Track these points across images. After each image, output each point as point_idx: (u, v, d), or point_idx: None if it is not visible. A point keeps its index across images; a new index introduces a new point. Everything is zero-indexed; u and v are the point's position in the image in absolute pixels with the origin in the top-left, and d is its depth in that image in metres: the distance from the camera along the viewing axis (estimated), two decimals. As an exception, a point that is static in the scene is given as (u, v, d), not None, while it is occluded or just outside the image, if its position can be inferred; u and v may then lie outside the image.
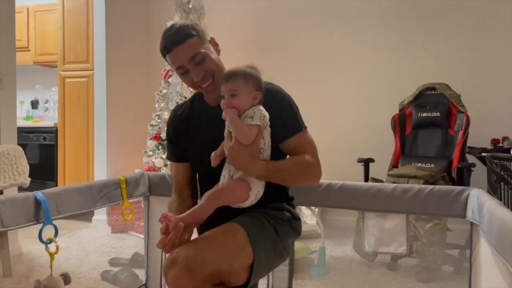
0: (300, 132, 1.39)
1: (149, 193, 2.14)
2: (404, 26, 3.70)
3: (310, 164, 1.37)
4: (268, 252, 1.32)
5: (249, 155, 1.25)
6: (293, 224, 1.46)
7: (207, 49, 1.39)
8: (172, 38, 1.36)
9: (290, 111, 1.40)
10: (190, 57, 1.35)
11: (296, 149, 1.38)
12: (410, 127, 3.20)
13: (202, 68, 1.37)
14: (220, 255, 1.19)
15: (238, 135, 1.24)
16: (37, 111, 4.94)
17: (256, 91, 1.30)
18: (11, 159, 2.45)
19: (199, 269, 1.14)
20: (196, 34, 1.37)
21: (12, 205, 1.39)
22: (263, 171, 1.28)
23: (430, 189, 1.73)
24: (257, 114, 1.27)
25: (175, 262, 1.15)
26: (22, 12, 4.57)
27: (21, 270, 2.65)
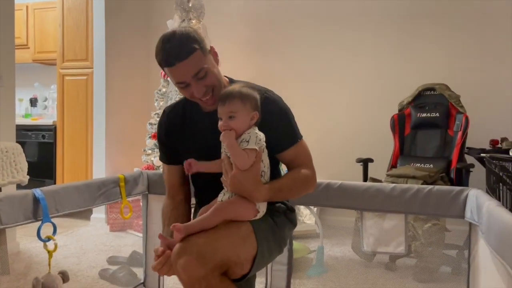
0: (297, 143, 1.41)
1: (148, 192, 2.14)
2: (404, 27, 3.70)
3: (308, 177, 1.41)
4: (269, 243, 1.35)
5: (252, 181, 1.26)
6: (289, 215, 1.49)
7: (209, 63, 1.36)
8: (175, 52, 1.30)
9: (287, 122, 1.42)
10: (194, 74, 1.31)
11: (294, 161, 1.41)
12: (409, 127, 3.20)
13: (203, 84, 1.34)
14: (229, 245, 1.22)
15: (236, 160, 1.25)
16: (36, 109, 4.92)
17: (253, 111, 1.29)
18: (10, 156, 2.44)
19: (210, 257, 1.16)
20: (199, 47, 1.32)
21: (10, 203, 1.39)
22: (267, 195, 1.30)
23: (429, 189, 1.74)
24: (253, 138, 1.27)
25: (185, 250, 1.17)
26: (22, 9, 4.55)
27: (19, 268, 2.64)
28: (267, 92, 1.43)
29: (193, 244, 1.18)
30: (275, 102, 1.41)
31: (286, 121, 1.41)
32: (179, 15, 3.71)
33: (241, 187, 1.25)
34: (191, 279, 1.17)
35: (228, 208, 1.27)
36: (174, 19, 3.74)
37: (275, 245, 1.40)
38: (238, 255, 1.24)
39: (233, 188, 1.27)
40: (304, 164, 1.41)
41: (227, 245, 1.21)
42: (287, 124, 1.41)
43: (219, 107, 1.29)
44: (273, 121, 1.37)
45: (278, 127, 1.38)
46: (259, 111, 1.31)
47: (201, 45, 1.34)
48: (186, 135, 1.49)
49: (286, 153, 1.40)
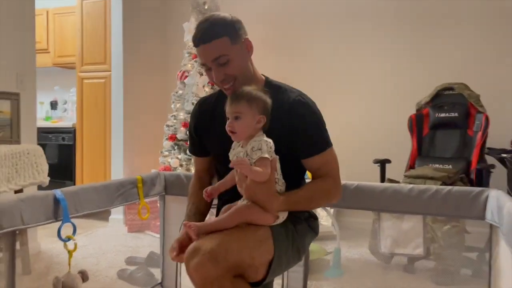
0: (325, 151, 1.37)
1: (165, 193, 2.16)
2: (421, 26, 3.66)
3: (330, 190, 1.38)
4: (288, 249, 1.32)
5: (266, 192, 1.25)
6: (311, 223, 1.46)
7: (234, 51, 1.34)
8: (202, 34, 1.33)
9: (318, 128, 1.38)
10: (214, 58, 1.33)
11: (319, 169, 1.38)
12: (427, 127, 3.16)
13: (224, 71, 1.34)
14: (243, 247, 1.20)
15: (256, 178, 1.23)
16: (56, 111, 5.02)
17: (260, 114, 1.27)
18: (31, 158, 2.50)
19: (223, 258, 1.14)
20: (227, 34, 1.33)
21: (31, 203, 1.41)
22: (282, 207, 1.28)
23: (448, 190, 1.70)
24: (264, 147, 1.25)
25: (198, 250, 1.15)
26: (42, 14, 4.65)
27: (40, 268, 2.70)
28: (301, 96, 1.40)
29: (205, 245, 1.16)
30: (307, 106, 1.38)
31: (316, 126, 1.38)
32: (195, 18, 3.74)
33: (255, 198, 1.25)
34: (203, 280, 1.15)
35: (246, 212, 1.26)
36: (190, 21, 3.78)
37: (294, 252, 1.36)
38: (253, 257, 1.22)
39: (248, 198, 1.27)
40: (328, 175, 1.38)
41: (241, 246, 1.19)
42: (317, 130, 1.38)
43: (227, 106, 1.29)
44: (303, 125, 1.35)
45: (308, 132, 1.35)
46: (267, 116, 1.28)
47: (231, 33, 1.34)
48: (213, 127, 1.48)
49: (313, 160, 1.37)
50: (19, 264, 2.42)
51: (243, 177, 1.26)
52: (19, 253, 2.48)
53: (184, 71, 3.74)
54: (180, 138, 3.66)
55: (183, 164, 3.60)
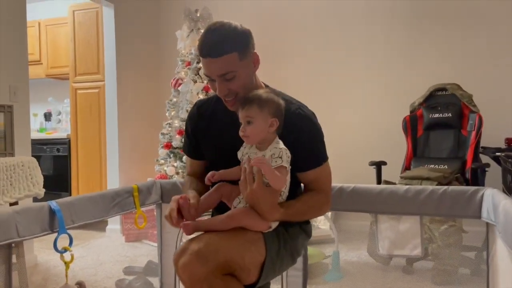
0: (320, 166, 1.38)
1: (162, 201, 2.15)
2: (414, 27, 3.69)
3: (322, 204, 1.40)
4: (280, 251, 1.32)
5: (269, 203, 1.25)
6: (303, 226, 1.46)
7: (242, 67, 1.31)
8: (210, 47, 1.28)
9: (315, 142, 1.38)
10: (221, 74, 1.30)
11: (312, 183, 1.39)
12: (421, 128, 3.18)
13: (228, 86, 1.32)
14: (233, 247, 1.20)
15: (274, 182, 1.22)
16: (50, 123, 5.01)
17: (272, 117, 1.26)
18: (26, 170, 2.48)
19: (212, 257, 1.14)
20: (236, 49, 1.29)
21: (27, 215, 1.41)
22: (279, 218, 1.29)
23: (443, 190, 1.71)
24: (285, 156, 1.25)
25: (186, 250, 1.16)
26: (34, 26, 4.65)
27: (37, 281, 2.67)
28: (301, 108, 1.39)
29: (193, 245, 1.16)
30: (307, 120, 1.38)
31: (313, 141, 1.37)
32: (188, 25, 3.75)
33: (257, 204, 1.24)
34: (191, 279, 1.15)
35: (244, 217, 1.26)
36: (182, 29, 3.79)
37: (287, 255, 1.36)
38: (243, 257, 1.21)
39: (249, 201, 1.26)
40: (321, 189, 1.39)
41: (231, 246, 1.19)
42: (314, 144, 1.38)
43: (239, 111, 1.29)
44: (301, 139, 1.34)
45: (304, 147, 1.34)
46: (279, 118, 1.27)
47: (241, 49, 1.30)
48: (210, 130, 1.48)
49: (308, 174, 1.37)
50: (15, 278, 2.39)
51: (250, 180, 1.23)
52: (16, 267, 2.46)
53: (178, 79, 3.74)
54: (176, 146, 3.65)
55: (179, 172, 3.59)
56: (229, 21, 1.35)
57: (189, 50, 3.74)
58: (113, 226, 3.91)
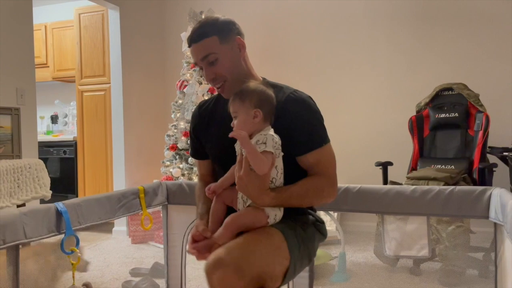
0: (320, 148, 1.33)
1: (168, 202, 2.16)
2: (420, 27, 3.67)
3: (324, 187, 1.34)
4: (300, 254, 1.30)
5: (257, 187, 1.22)
6: (318, 227, 1.44)
7: (223, 50, 1.36)
8: (192, 34, 1.36)
9: (313, 124, 1.34)
10: (202, 57, 1.36)
11: (314, 167, 1.34)
12: (428, 128, 3.16)
13: (213, 70, 1.37)
14: (264, 256, 1.18)
15: (255, 165, 1.20)
16: (57, 125, 5.04)
17: (253, 108, 1.25)
18: (33, 172, 2.50)
19: (248, 270, 1.11)
20: (216, 33, 1.34)
21: (34, 217, 1.41)
22: (271, 203, 1.26)
23: (451, 190, 1.70)
24: (270, 141, 1.23)
25: (221, 262, 1.11)
26: (40, 29, 4.68)
27: (43, 282, 2.68)
28: (295, 92, 1.39)
29: (229, 256, 1.12)
30: (300, 101, 1.35)
31: (310, 122, 1.34)
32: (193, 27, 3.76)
33: (245, 190, 1.23)
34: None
35: (239, 219, 1.25)
36: (187, 31, 3.80)
37: (305, 256, 1.34)
38: (274, 267, 1.20)
39: (239, 189, 1.25)
40: (323, 173, 1.33)
41: (263, 257, 1.17)
42: (312, 126, 1.34)
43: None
44: (296, 122, 1.32)
45: (300, 129, 1.32)
46: (264, 108, 1.27)
47: (221, 33, 1.35)
48: (213, 127, 1.49)
49: (307, 157, 1.33)
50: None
51: (238, 168, 1.23)
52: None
53: (183, 81, 3.75)
54: (181, 148, 3.66)
55: (185, 174, 3.59)
56: (218, 15, 1.42)
57: (194, 52, 3.74)
58: (119, 228, 3.92)
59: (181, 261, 2.17)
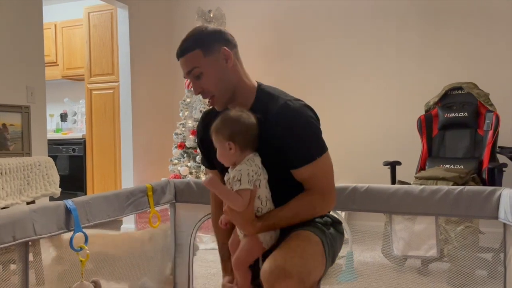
0: (314, 161, 1.29)
1: (175, 200, 2.16)
2: (428, 26, 3.65)
3: (315, 205, 1.32)
4: (329, 256, 1.31)
5: (241, 220, 1.26)
6: (337, 227, 1.43)
7: (207, 64, 1.32)
8: (178, 48, 1.35)
9: (306, 137, 1.30)
10: (187, 71, 1.35)
11: (307, 181, 1.31)
12: (436, 128, 3.13)
13: (199, 84, 1.35)
14: (317, 265, 1.20)
15: (231, 205, 1.26)
16: (66, 123, 5.08)
17: (226, 141, 1.28)
18: (42, 170, 2.52)
19: (307, 279, 1.13)
20: (199, 46, 1.31)
21: (44, 214, 1.43)
22: (260, 231, 1.27)
23: (460, 190, 1.69)
24: (245, 177, 1.24)
25: (286, 273, 1.10)
26: (50, 28, 4.72)
27: (53, 277, 2.70)
28: (289, 101, 1.32)
29: (291, 265, 1.11)
30: (293, 112, 1.29)
31: (304, 135, 1.29)
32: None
33: (233, 221, 1.30)
34: None
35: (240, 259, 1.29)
36: (196, 30, 3.80)
37: (329, 259, 1.33)
38: (319, 275, 1.23)
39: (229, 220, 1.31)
40: (317, 187, 1.30)
41: (316, 266, 1.19)
42: (303, 139, 1.29)
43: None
44: (289, 133, 1.28)
45: (293, 141, 1.28)
46: (236, 140, 1.27)
47: (204, 46, 1.32)
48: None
49: (300, 171, 1.29)
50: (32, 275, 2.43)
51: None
52: (33, 265, 2.50)
53: (191, 79, 3.76)
54: (189, 146, 3.67)
55: (193, 172, 3.61)
56: (205, 25, 1.44)
57: (202, 51, 3.75)
58: (127, 225, 3.94)
59: (188, 259, 2.18)
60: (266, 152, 1.31)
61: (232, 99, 1.38)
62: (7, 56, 2.86)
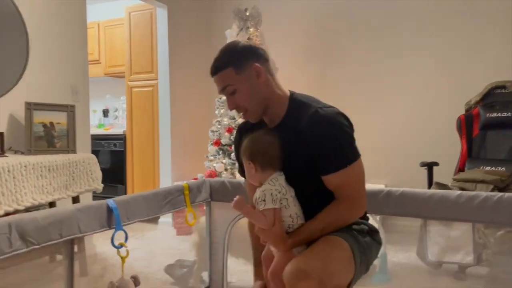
0: (345, 168, 1.30)
1: (211, 199, 2.22)
2: (471, 21, 3.52)
3: (343, 216, 1.33)
4: (362, 264, 1.33)
5: (273, 238, 1.30)
6: (373, 235, 1.44)
7: (240, 81, 1.36)
8: (211, 66, 1.41)
9: (337, 144, 1.31)
10: (221, 89, 1.40)
11: (338, 189, 1.33)
12: (477, 128, 3.04)
13: (233, 100, 1.40)
14: (341, 270, 1.23)
15: (256, 224, 1.33)
16: (108, 119, 5.28)
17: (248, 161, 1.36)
18: (86, 166, 2.66)
19: (329, 283, 1.15)
20: (231, 64, 1.36)
21: (87, 213, 1.51)
22: (292, 246, 1.30)
23: (498, 197, 1.64)
24: (268, 197, 1.30)
25: (306, 274, 1.14)
26: (94, 27, 4.90)
27: (96, 270, 2.85)
28: (321, 108, 1.34)
29: (313, 268, 1.15)
30: (325, 119, 1.31)
31: (335, 142, 1.30)
32: (237, 25, 3.80)
33: (266, 240, 1.35)
34: None
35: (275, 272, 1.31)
36: (232, 28, 3.84)
37: (364, 266, 1.35)
38: (345, 279, 1.25)
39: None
40: (346, 196, 1.31)
41: (339, 270, 1.21)
42: (336, 146, 1.31)
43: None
44: (321, 141, 1.30)
45: (325, 149, 1.30)
46: (255, 160, 1.34)
47: (236, 63, 1.36)
48: None
49: (330, 178, 1.31)
50: (77, 266, 2.56)
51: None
52: (77, 256, 2.63)
53: (227, 77, 3.81)
54: (225, 143, 3.73)
55: (228, 169, 3.67)
56: (239, 40, 1.47)
57: (238, 49, 3.79)
58: (165, 219, 4.06)
59: (222, 256, 2.24)
60: (298, 160, 1.34)
61: (265, 111, 1.42)
62: (53, 57, 3.01)
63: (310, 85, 3.79)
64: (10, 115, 2.71)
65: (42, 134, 2.63)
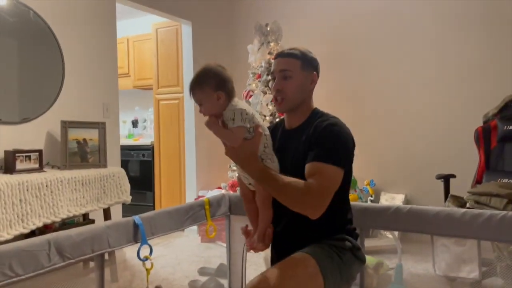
0: (324, 162, 1.38)
1: (230, 213, 2.36)
2: (489, 34, 3.53)
3: (309, 191, 1.35)
4: (336, 280, 1.41)
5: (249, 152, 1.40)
6: (355, 253, 1.52)
7: (299, 74, 1.55)
8: (283, 50, 1.61)
9: (329, 143, 1.43)
10: (280, 69, 1.56)
11: (310, 176, 1.38)
12: (495, 140, 3.06)
13: (282, 84, 1.55)
14: (297, 285, 1.31)
15: (226, 141, 1.41)
16: (137, 129, 5.52)
17: (215, 91, 1.38)
18: (116, 180, 2.85)
19: None
20: (301, 59, 1.56)
21: (116, 229, 1.68)
22: (257, 172, 1.41)
23: (502, 215, 1.70)
24: (238, 116, 1.37)
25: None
26: (123, 42, 5.14)
27: (126, 276, 3.04)
28: (333, 117, 1.54)
29: (264, 284, 1.27)
30: (330, 124, 1.47)
31: (328, 141, 1.43)
32: (258, 39, 3.95)
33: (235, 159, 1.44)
34: None
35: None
36: (253, 43, 3.99)
37: (343, 283, 1.44)
38: None
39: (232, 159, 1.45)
40: (313, 186, 1.35)
41: (294, 285, 1.30)
42: (328, 142, 1.43)
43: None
44: (317, 134, 1.46)
45: (319, 142, 1.44)
46: (223, 88, 1.39)
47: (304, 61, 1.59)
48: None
49: (309, 165, 1.41)
50: (108, 273, 2.75)
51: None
52: (108, 263, 2.83)
53: (249, 91, 3.96)
54: (247, 154, 3.86)
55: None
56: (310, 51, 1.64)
57: (259, 63, 3.93)
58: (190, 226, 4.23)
59: (242, 266, 2.37)
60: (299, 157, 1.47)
61: (295, 110, 1.58)
62: (85, 75, 3.22)
63: (330, 96, 3.87)
64: (47, 132, 2.94)
65: (76, 150, 2.84)
